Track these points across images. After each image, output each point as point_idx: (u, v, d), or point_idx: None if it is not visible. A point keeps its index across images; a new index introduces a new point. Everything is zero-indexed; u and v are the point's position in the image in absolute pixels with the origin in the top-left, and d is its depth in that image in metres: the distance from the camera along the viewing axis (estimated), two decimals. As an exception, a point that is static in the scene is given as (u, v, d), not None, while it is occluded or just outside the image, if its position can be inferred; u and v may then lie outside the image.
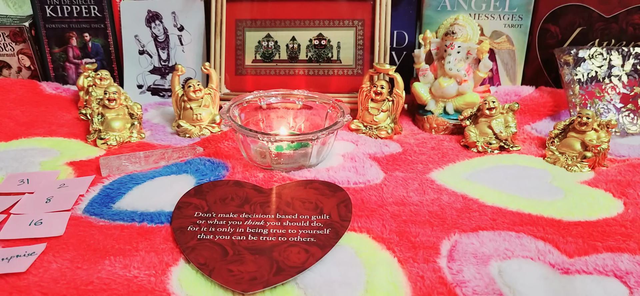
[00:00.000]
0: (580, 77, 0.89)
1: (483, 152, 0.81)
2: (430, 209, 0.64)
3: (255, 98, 0.82)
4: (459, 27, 0.86)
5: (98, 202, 0.65)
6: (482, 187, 0.70)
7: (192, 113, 0.86)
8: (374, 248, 0.57)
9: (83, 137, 0.85)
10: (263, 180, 0.70)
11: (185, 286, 0.51)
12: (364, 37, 0.97)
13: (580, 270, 0.53)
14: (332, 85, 0.98)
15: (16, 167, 0.74)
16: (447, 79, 0.87)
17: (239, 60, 0.99)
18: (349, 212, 0.62)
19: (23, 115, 0.92)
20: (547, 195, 0.68)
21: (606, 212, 0.64)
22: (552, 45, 0.97)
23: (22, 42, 1.02)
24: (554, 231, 0.60)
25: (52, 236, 0.58)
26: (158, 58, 1.02)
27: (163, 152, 0.77)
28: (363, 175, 0.72)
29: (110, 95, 0.83)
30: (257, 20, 0.97)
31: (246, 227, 0.59)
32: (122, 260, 0.54)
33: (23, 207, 0.63)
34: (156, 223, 0.61)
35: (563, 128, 0.78)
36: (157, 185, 0.69)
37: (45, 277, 0.51)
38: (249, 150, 0.73)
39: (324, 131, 0.71)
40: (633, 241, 0.57)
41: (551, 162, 0.77)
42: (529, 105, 0.93)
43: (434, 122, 0.87)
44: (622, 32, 0.95)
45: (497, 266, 0.54)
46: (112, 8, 1.00)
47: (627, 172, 0.72)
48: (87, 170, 0.73)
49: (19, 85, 1.00)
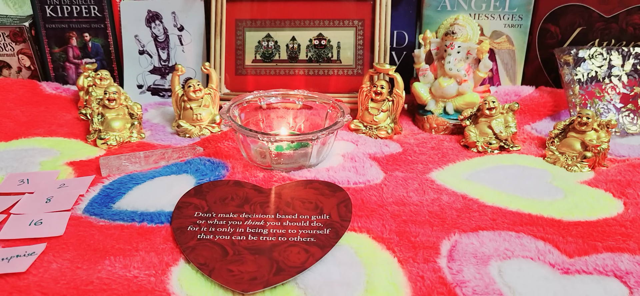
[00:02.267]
0: (580, 77, 0.89)
1: (483, 152, 0.81)
2: (430, 209, 0.64)
3: (255, 98, 0.82)
4: (459, 27, 0.86)
5: (98, 202, 0.65)
6: (482, 187, 0.70)
7: (192, 113, 0.86)
8: (374, 248, 0.57)
9: (83, 137, 0.85)
10: (263, 180, 0.70)
11: (185, 286, 0.51)
12: (364, 37, 0.96)
13: (580, 270, 0.53)
14: (332, 85, 0.98)
15: (16, 167, 0.74)
16: (447, 79, 0.87)
17: (239, 60, 0.99)
18: (349, 212, 0.62)
19: (23, 115, 0.92)
20: (547, 195, 0.68)
21: (606, 212, 0.64)
22: (552, 45, 0.97)
23: (22, 42, 1.02)
24: (554, 231, 0.60)
25: (52, 236, 0.58)
26: (158, 58, 1.02)
27: (163, 152, 0.77)
28: (363, 175, 0.72)
29: (110, 95, 0.83)
30: (257, 20, 0.97)
31: (246, 227, 0.59)
32: (122, 260, 0.54)
33: (23, 207, 0.63)
34: (156, 223, 0.61)
35: (563, 128, 0.78)
36: (157, 185, 0.69)
37: (45, 277, 0.51)
38: (249, 150, 0.73)
39: (324, 131, 0.71)
40: (633, 241, 0.57)
41: (551, 162, 0.77)
42: (529, 105, 0.93)
43: (434, 122, 0.87)
44: (622, 32, 0.95)
45: (497, 266, 0.54)
46: (112, 8, 1.00)
47: (627, 172, 0.72)
48: (87, 170, 0.73)
49: (19, 85, 1.00)
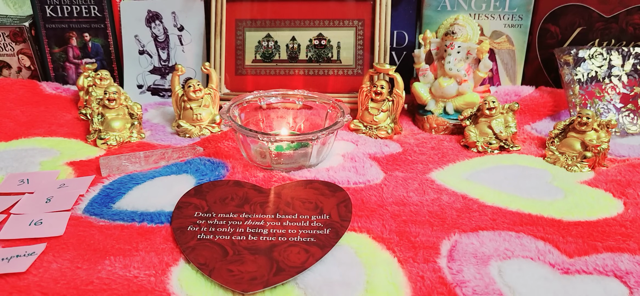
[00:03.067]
0: (580, 77, 0.89)
1: (483, 152, 0.81)
2: (430, 209, 0.64)
3: (255, 98, 0.82)
4: (459, 27, 0.86)
5: (98, 202, 0.65)
6: (482, 187, 0.70)
7: (192, 113, 0.86)
8: (374, 248, 0.57)
9: (83, 137, 0.85)
10: (263, 180, 0.70)
11: (185, 286, 0.51)
12: (364, 37, 0.96)
13: (580, 270, 0.53)
14: (331, 85, 0.98)
15: (16, 167, 0.74)
16: (447, 79, 0.87)
17: (239, 60, 0.99)
18: (349, 212, 0.62)
19: (23, 115, 0.92)
20: (547, 195, 0.68)
21: (606, 212, 0.64)
22: (552, 45, 0.97)
23: (22, 42, 1.02)
24: (554, 231, 0.59)
25: (52, 236, 0.58)
26: (158, 58, 1.02)
27: (163, 152, 0.77)
28: (363, 175, 0.72)
29: (110, 95, 0.83)
30: (257, 20, 0.97)
31: (246, 227, 0.59)
32: (122, 260, 0.54)
33: (23, 207, 0.63)
34: (156, 223, 0.61)
35: (563, 128, 0.78)
36: (157, 185, 0.69)
37: (45, 277, 0.51)
38: (249, 150, 0.73)
39: (324, 131, 0.71)
40: (633, 241, 0.57)
41: (551, 162, 0.77)
42: (529, 105, 0.93)
43: (434, 122, 0.87)
44: (622, 32, 0.95)
45: (497, 266, 0.54)
46: (112, 8, 1.00)
47: (627, 172, 0.72)
48: (87, 170, 0.73)
49: (19, 85, 1.00)
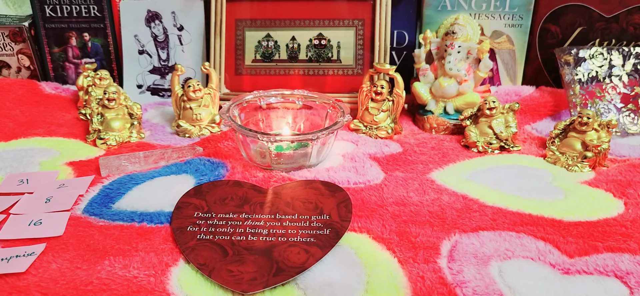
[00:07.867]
0: (581, 77, 0.89)
1: (483, 152, 0.81)
2: (430, 209, 0.64)
3: (255, 98, 0.82)
4: (459, 27, 0.86)
5: (98, 202, 0.65)
6: (483, 187, 0.69)
7: (192, 113, 0.86)
8: (374, 249, 0.57)
9: (83, 137, 0.85)
10: (263, 180, 0.70)
11: (185, 287, 0.51)
12: (364, 37, 0.96)
13: (581, 270, 0.53)
14: (332, 85, 0.98)
15: (16, 167, 0.74)
16: (448, 79, 0.87)
17: (238, 60, 0.98)
18: (349, 212, 0.62)
19: (23, 115, 0.92)
20: (548, 195, 0.67)
21: (607, 212, 0.64)
22: (552, 45, 0.97)
23: (21, 41, 1.02)
24: (554, 231, 0.59)
25: (51, 237, 0.58)
26: (158, 58, 1.02)
27: (163, 152, 0.76)
28: (363, 175, 0.72)
29: (110, 95, 0.82)
30: (257, 20, 0.97)
31: (246, 227, 0.59)
32: (121, 260, 0.54)
33: (23, 207, 0.63)
34: (156, 223, 0.61)
35: (563, 128, 0.78)
36: (157, 185, 0.69)
37: (45, 277, 0.51)
38: (249, 150, 0.73)
39: (324, 131, 0.71)
40: (633, 242, 0.57)
41: (551, 162, 0.77)
42: (529, 105, 0.93)
43: (434, 122, 0.87)
44: (623, 32, 0.95)
45: (497, 266, 0.54)
46: (112, 8, 1.00)
47: (627, 172, 0.72)
48: (86, 170, 0.73)
49: (18, 85, 1.00)
